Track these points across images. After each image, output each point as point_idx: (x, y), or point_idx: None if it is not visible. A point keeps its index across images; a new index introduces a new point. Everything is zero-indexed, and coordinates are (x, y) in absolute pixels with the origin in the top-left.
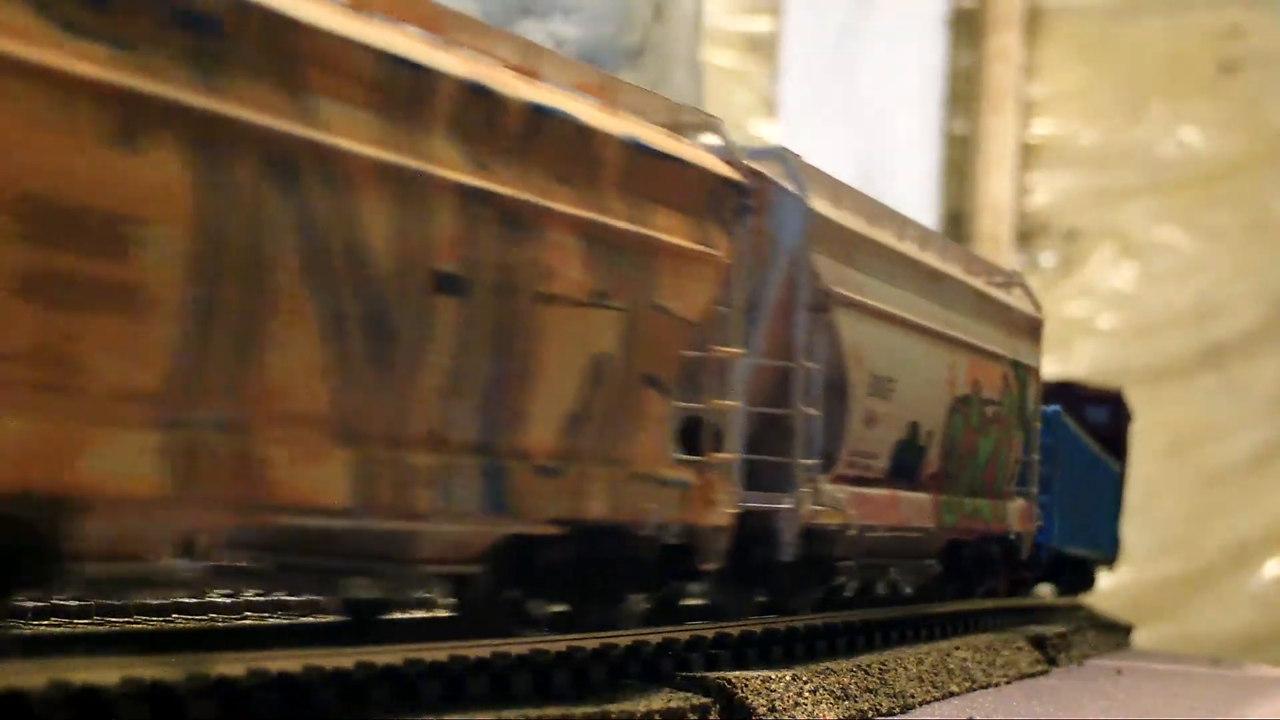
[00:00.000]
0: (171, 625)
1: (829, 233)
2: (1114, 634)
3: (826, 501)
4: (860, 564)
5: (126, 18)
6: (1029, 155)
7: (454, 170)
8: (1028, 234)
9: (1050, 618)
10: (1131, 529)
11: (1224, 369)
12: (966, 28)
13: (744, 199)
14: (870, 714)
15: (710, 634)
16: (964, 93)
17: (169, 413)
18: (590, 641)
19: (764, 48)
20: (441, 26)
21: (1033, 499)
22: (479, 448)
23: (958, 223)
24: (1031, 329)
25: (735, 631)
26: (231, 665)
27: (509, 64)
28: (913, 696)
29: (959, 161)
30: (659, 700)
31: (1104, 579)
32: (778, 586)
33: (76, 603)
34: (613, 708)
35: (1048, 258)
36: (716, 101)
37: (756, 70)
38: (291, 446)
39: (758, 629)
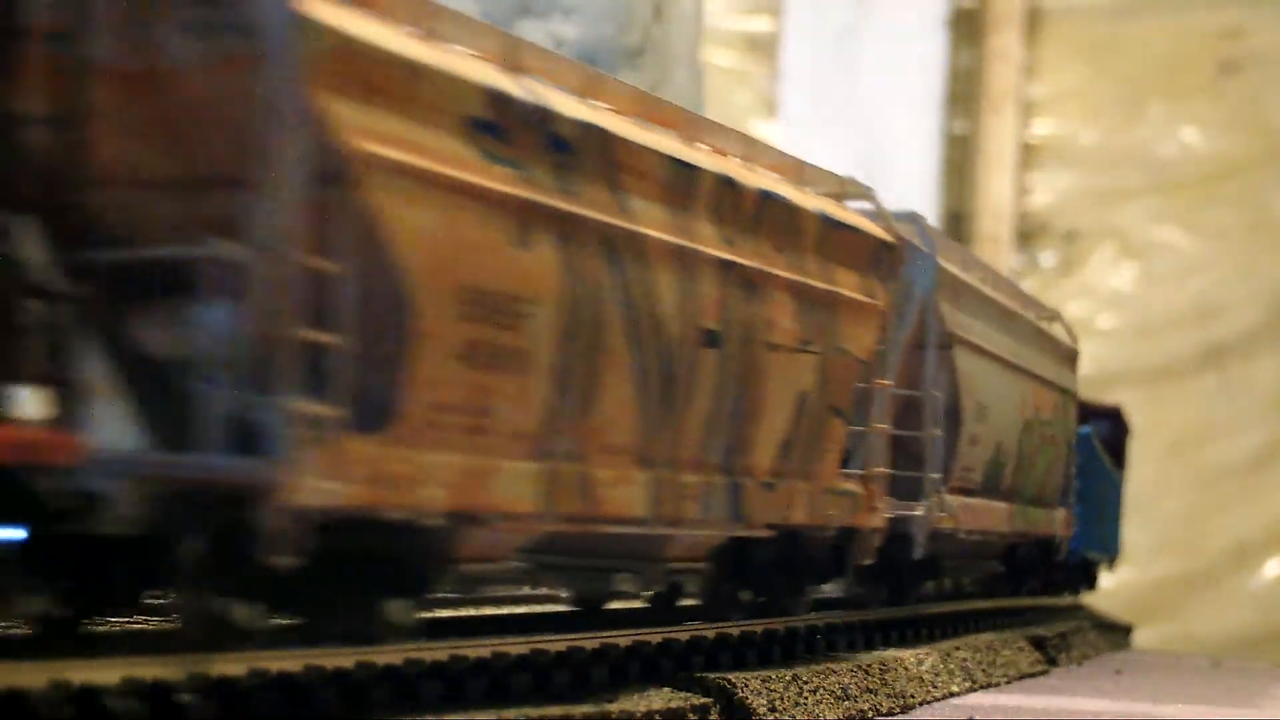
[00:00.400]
0: (171, 625)
1: (948, 283)
2: (1114, 634)
3: (946, 509)
4: (957, 563)
5: (518, 145)
6: (1029, 155)
7: (712, 246)
8: (1028, 234)
9: (1050, 618)
10: (1132, 529)
11: (1224, 369)
12: (966, 28)
13: (895, 257)
14: (870, 714)
15: (710, 634)
16: (964, 93)
17: (540, 447)
18: (590, 641)
19: (764, 48)
20: (689, 127)
21: (1071, 508)
22: (724, 468)
23: (958, 223)
24: (1071, 358)
25: (735, 631)
26: (232, 665)
27: (737, 155)
28: (913, 696)
29: (959, 161)
30: (659, 700)
31: (1104, 579)
32: (900, 581)
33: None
34: (613, 707)
35: (1048, 258)
36: (716, 101)
37: (756, 70)
38: (612, 471)
39: (758, 629)
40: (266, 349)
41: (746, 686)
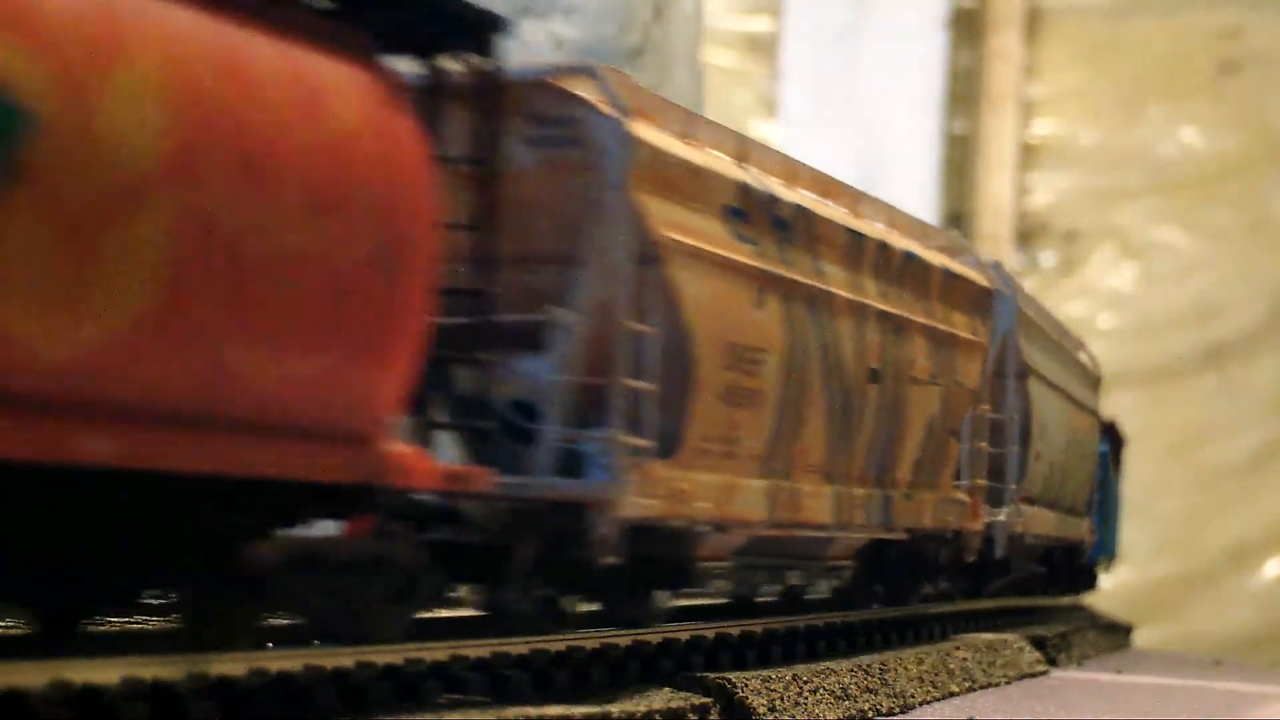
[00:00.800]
0: (171, 624)
1: (1023, 321)
2: (1114, 634)
3: (1020, 516)
4: (1018, 563)
5: (755, 226)
6: (1029, 155)
7: (874, 299)
8: (1028, 234)
9: (1050, 618)
10: (1132, 529)
11: (1224, 369)
12: (966, 28)
13: (990, 301)
14: (870, 714)
15: (710, 634)
16: (964, 93)
17: (765, 467)
18: (590, 641)
19: (764, 48)
20: (848, 197)
21: (1092, 517)
22: (878, 482)
23: (958, 223)
24: (1096, 383)
25: (735, 631)
26: (232, 665)
27: (882, 219)
28: (913, 696)
29: (959, 161)
30: (659, 700)
31: (1104, 579)
32: (979, 578)
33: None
34: (613, 707)
35: (1048, 258)
36: (716, 101)
37: (756, 70)
38: (810, 485)
39: (758, 629)
40: (595, 394)
41: (746, 686)
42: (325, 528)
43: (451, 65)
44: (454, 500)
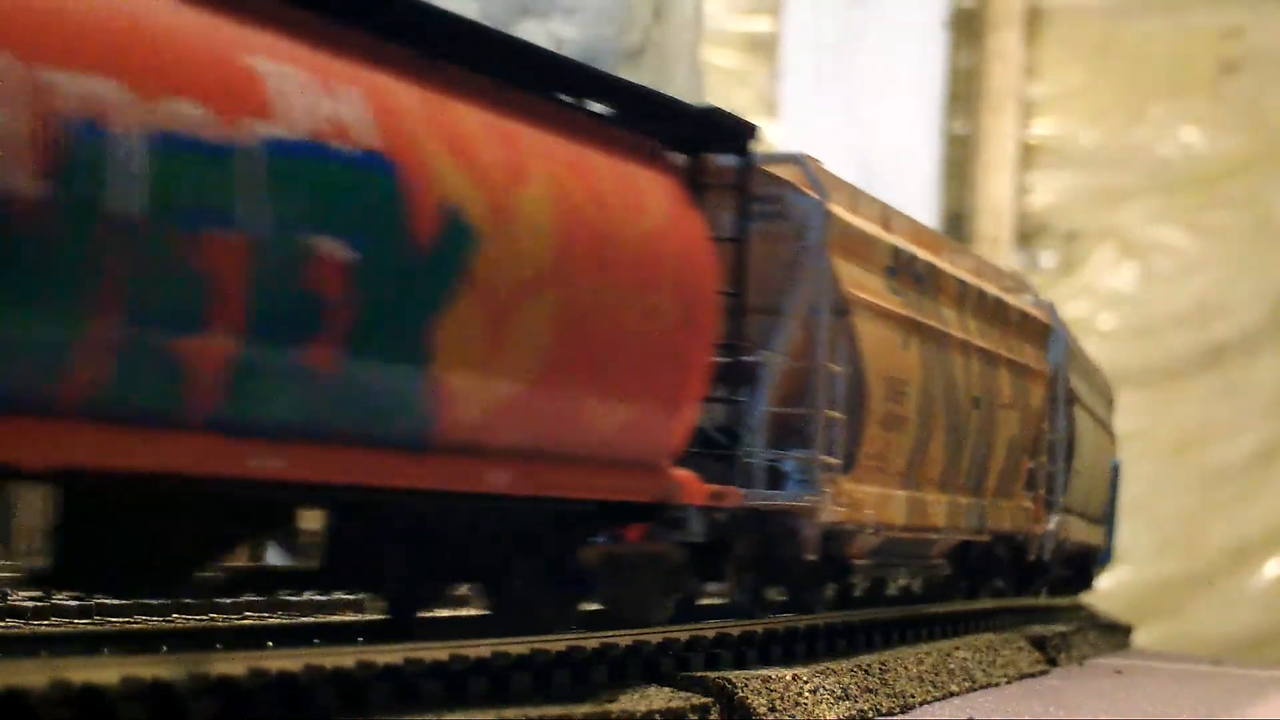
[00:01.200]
0: (171, 625)
1: (1073, 353)
2: (1114, 634)
3: (1066, 524)
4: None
5: (902, 281)
6: (1029, 155)
7: (974, 337)
8: (1028, 234)
9: (1050, 618)
10: (1132, 529)
11: (1224, 369)
12: (966, 28)
13: (1050, 336)
14: (870, 714)
15: (710, 634)
16: (964, 93)
17: (905, 481)
18: (590, 641)
19: (764, 48)
20: (945, 248)
21: (1105, 525)
22: (975, 492)
23: (958, 223)
24: (1111, 402)
25: (735, 631)
26: (232, 664)
27: (971, 266)
28: (913, 696)
29: (959, 162)
30: (659, 700)
31: (1104, 579)
32: (1031, 577)
33: (76, 603)
34: (613, 707)
35: (1048, 258)
36: (716, 102)
37: (756, 70)
38: (932, 495)
39: (758, 629)
40: (789, 421)
41: (747, 686)
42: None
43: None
44: (712, 512)
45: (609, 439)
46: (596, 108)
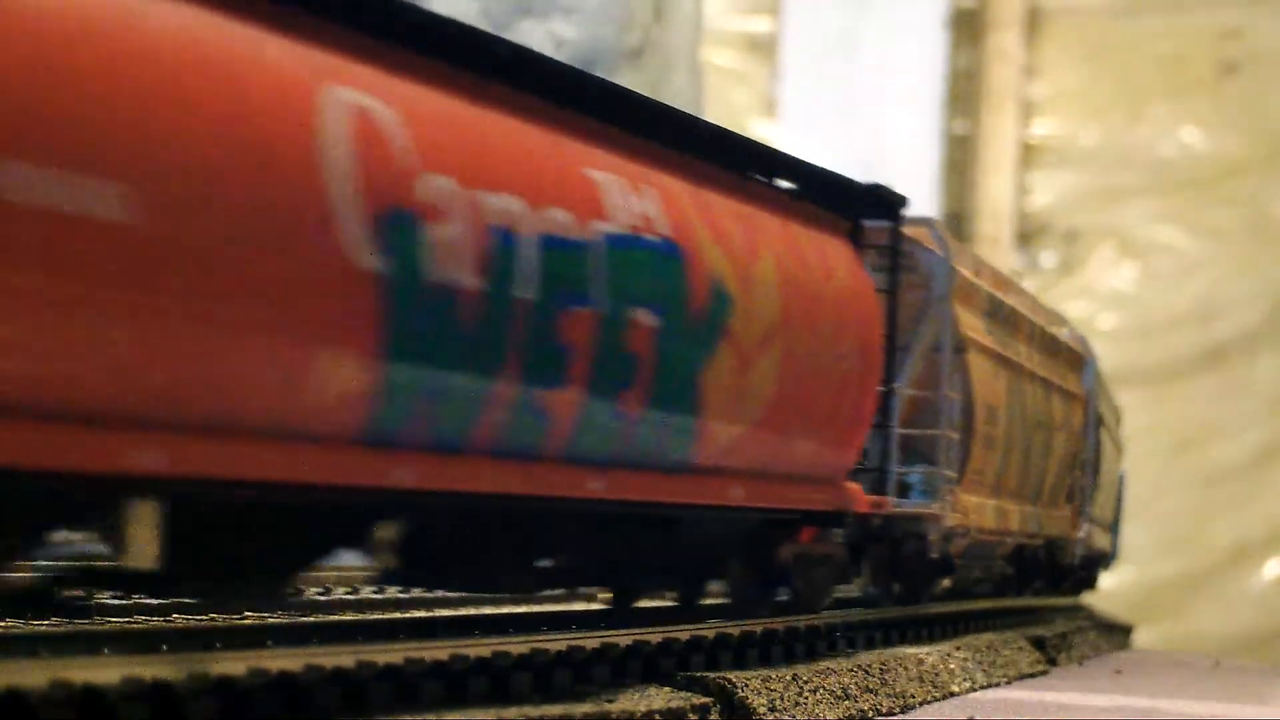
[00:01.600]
0: (171, 624)
1: (1099, 380)
2: (1114, 634)
3: (1091, 531)
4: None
5: (995, 321)
6: (1029, 155)
7: (1037, 368)
8: (1028, 234)
9: (1050, 618)
10: (1133, 529)
11: (1224, 369)
12: (966, 28)
13: (1085, 365)
14: (870, 714)
15: (711, 634)
16: (964, 93)
17: (993, 491)
18: (591, 640)
19: (764, 48)
20: (1007, 286)
21: (1111, 529)
22: (1034, 501)
23: (958, 223)
24: (1119, 418)
25: (735, 631)
26: (232, 664)
27: (1027, 303)
28: (913, 696)
29: (959, 161)
30: (659, 699)
31: (1104, 579)
32: (1060, 578)
33: (77, 603)
34: (613, 707)
35: (1048, 258)
36: (716, 101)
37: (756, 70)
38: (1009, 504)
39: (758, 629)
40: (912, 440)
41: (747, 686)
42: None
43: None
44: (869, 518)
45: (807, 460)
46: (781, 182)
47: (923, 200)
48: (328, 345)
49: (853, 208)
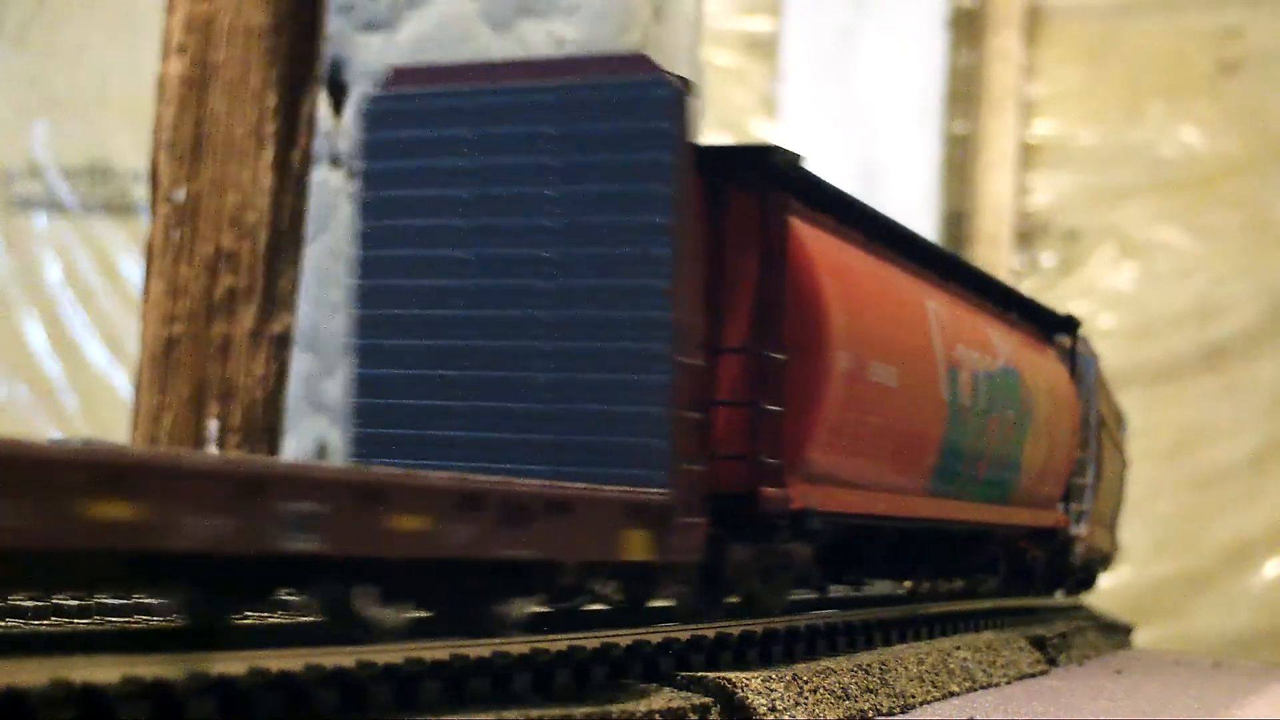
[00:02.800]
0: (171, 624)
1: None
2: (1114, 634)
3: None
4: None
5: (1105, 393)
6: (1029, 155)
7: (1113, 432)
8: (1028, 234)
9: (1050, 618)
10: (1131, 529)
11: (1224, 369)
12: (966, 28)
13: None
14: (870, 714)
15: (711, 634)
16: (964, 93)
17: (1099, 522)
18: (591, 640)
19: (764, 48)
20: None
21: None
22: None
23: (958, 223)
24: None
25: (735, 631)
26: (232, 664)
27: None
28: (913, 696)
29: (959, 161)
30: (660, 700)
31: (1104, 579)
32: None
33: (76, 602)
34: (613, 707)
35: (1048, 258)
36: (716, 101)
37: (756, 70)
38: (1097, 527)
39: (758, 629)
40: (1080, 488)
41: (747, 686)
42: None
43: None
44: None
45: (1045, 495)
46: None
47: (923, 200)
48: (927, 441)
49: (1050, 324)
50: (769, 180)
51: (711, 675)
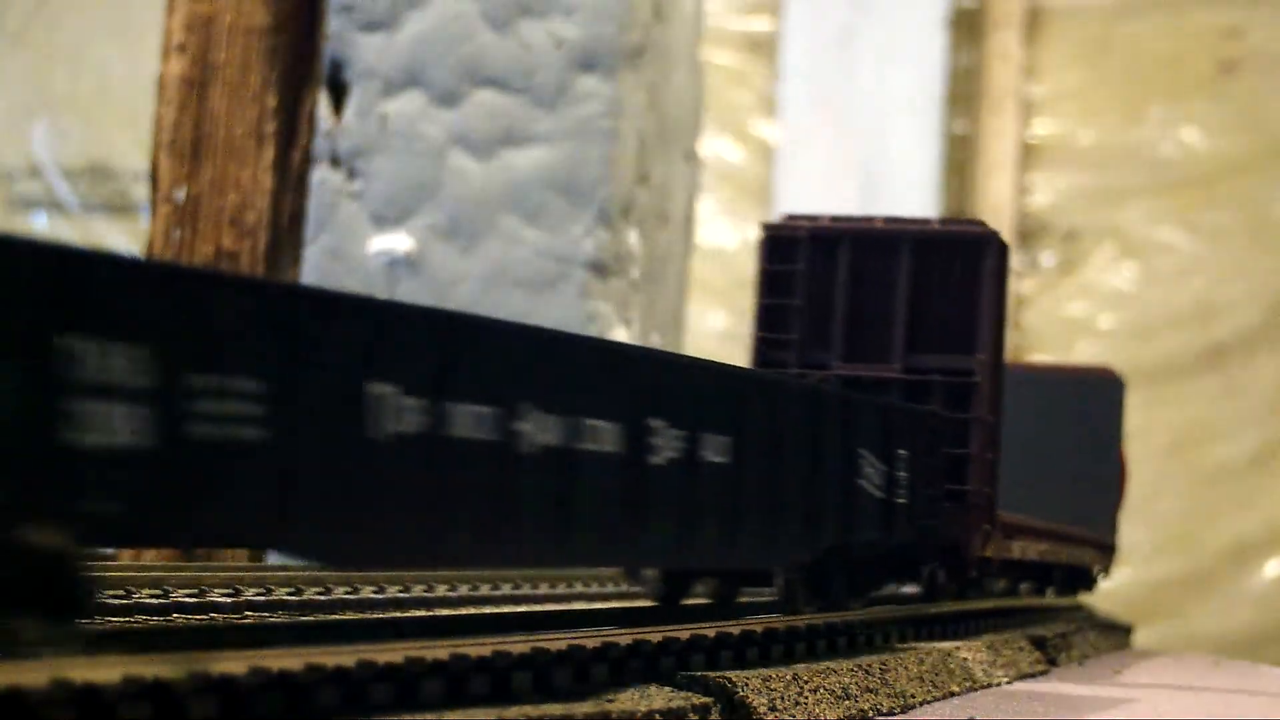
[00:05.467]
0: (171, 624)
1: None
2: (1114, 634)
3: None
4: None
5: None
6: (1029, 155)
7: None
8: (1028, 234)
9: (1050, 618)
10: (1131, 529)
11: (1224, 369)
12: (966, 28)
13: None
14: (870, 713)
15: (711, 633)
16: (964, 93)
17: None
18: (591, 640)
19: (764, 48)
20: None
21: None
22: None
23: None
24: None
25: (736, 631)
26: (232, 663)
27: None
28: (913, 696)
29: (959, 161)
30: (660, 699)
31: (1103, 579)
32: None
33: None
34: (613, 707)
35: (1048, 258)
36: (716, 101)
37: (756, 70)
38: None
39: (758, 628)
40: None
41: (747, 686)
42: None
43: None
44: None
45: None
46: None
47: (923, 200)
48: None
49: None
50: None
51: (712, 675)
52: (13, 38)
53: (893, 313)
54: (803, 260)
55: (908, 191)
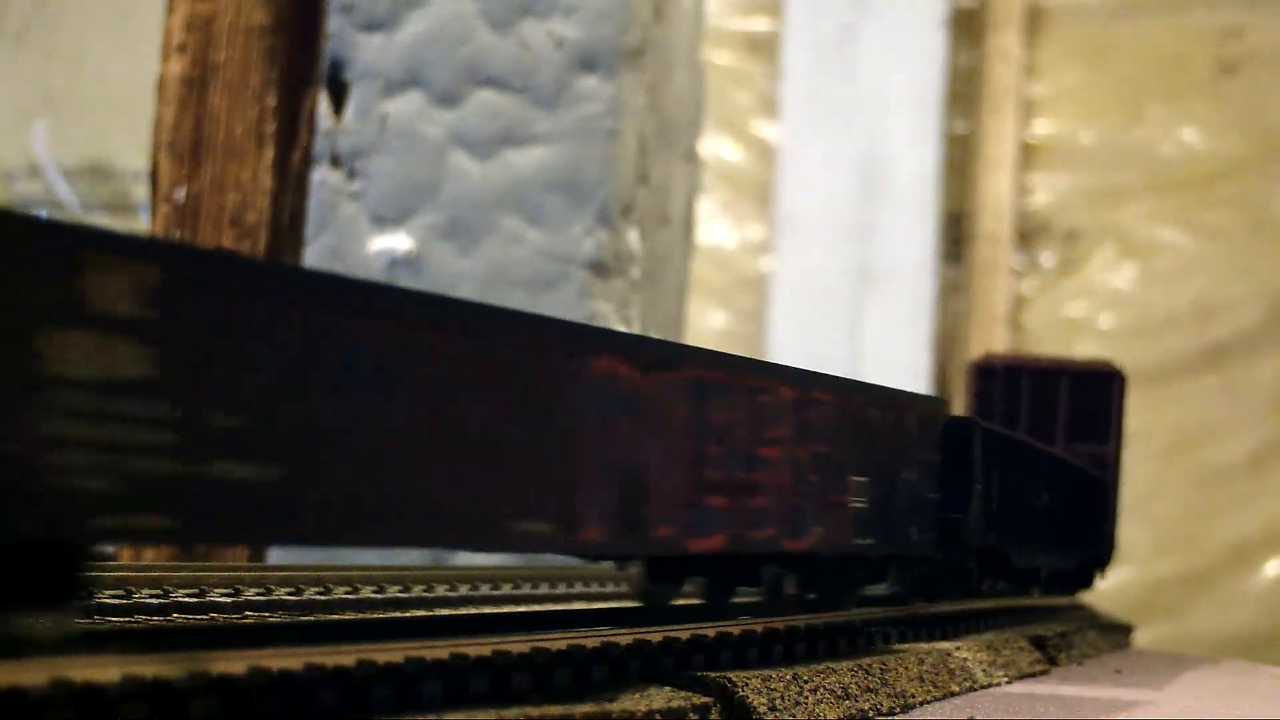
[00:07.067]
0: (171, 624)
1: None
2: (1114, 634)
3: None
4: None
5: None
6: (1029, 155)
7: None
8: (1028, 234)
9: (1050, 618)
10: (1131, 529)
11: (1224, 369)
12: (966, 28)
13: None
14: (870, 714)
15: (712, 633)
16: (964, 93)
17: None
18: (591, 640)
19: (764, 48)
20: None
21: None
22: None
23: (958, 223)
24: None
25: (736, 631)
26: (232, 663)
27: None
28: (913, 696)
29: (959, 161)
30: (660, 699)
31: (1103, 579)
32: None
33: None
34: (613, 707)
35: (1048, 258)
36: (716, 101)
37: (756, 70)
38: None
39: (758, 628)
40: None
41: (747, 685)
42: None
43: None
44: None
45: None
46: None
47: (923, 200)
48: None
49: None
50: None
51: (712, 675)
52: (13, 38)
53: (1057, 415)
54: (999, 382)
55: (907, 192)
